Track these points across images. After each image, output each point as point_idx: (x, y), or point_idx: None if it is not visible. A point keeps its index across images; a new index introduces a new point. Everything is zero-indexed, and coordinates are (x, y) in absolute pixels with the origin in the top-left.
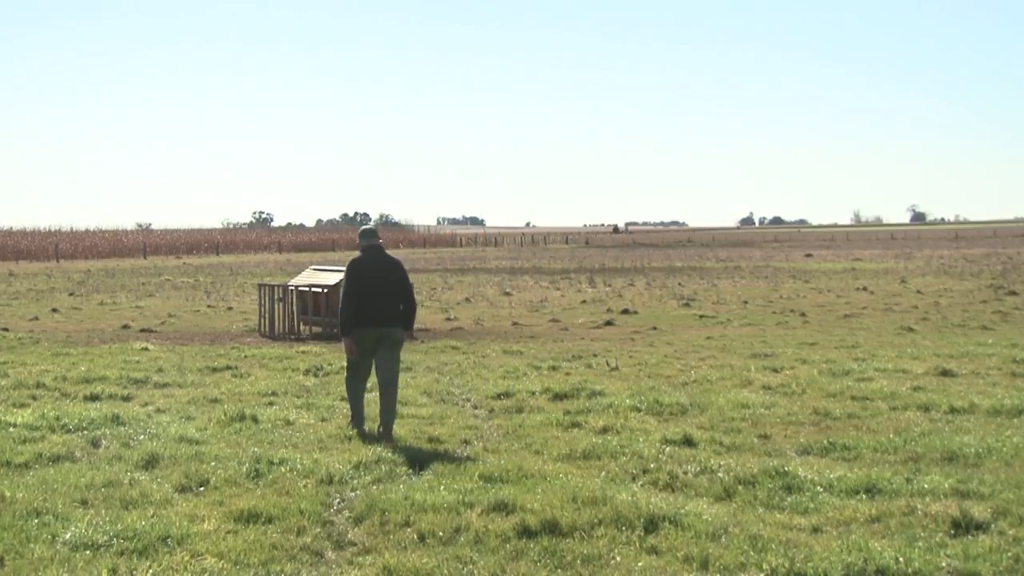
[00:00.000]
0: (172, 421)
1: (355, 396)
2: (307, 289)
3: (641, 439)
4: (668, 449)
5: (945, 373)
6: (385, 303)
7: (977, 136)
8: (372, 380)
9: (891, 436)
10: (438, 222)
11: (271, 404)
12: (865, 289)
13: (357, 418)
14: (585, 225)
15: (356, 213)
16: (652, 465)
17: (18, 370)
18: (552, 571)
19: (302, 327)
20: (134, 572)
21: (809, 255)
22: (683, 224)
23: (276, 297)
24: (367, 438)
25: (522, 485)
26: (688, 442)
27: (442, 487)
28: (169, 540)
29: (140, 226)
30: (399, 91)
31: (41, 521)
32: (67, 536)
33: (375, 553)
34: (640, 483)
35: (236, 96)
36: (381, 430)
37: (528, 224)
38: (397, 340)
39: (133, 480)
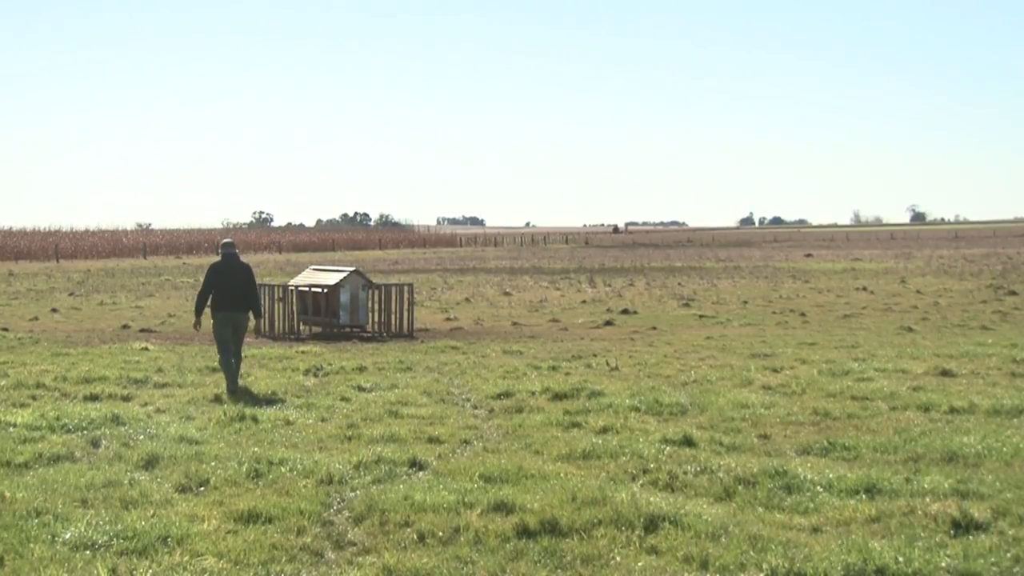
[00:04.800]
0: (172, 421)
1: (226, 365)
2: (307, 289)
3: (641, 439)
4: (668, 449)
5: (945, 373)
6: (235, 295)
7: (977, 136)
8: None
9: (891, 436)
10: (438, 222)
11: (271, 404)
12: (865, 289)
13: (230, 382)
14: (585, 225)
15: (356, 213)
16: (652, 465)
17: (18, 370)
18: (552, 571)
19: (302, 327)
20: (134, 572)
21: (809, 255)
22: (683, 224)
23: (276, 297)
24: (241, 397)
25: (522, 485)
26: (688, 442)
27: (442, 487)
28: (169, 540)
29: (140, 226)
30: (399, 91)
31: (41, 521)
32: (67, 536)
33: (375, 553)
34: (640, 483)
35: (236, 96)
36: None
37: (528, 224)
38: (244, 323)
39: (133, 480)
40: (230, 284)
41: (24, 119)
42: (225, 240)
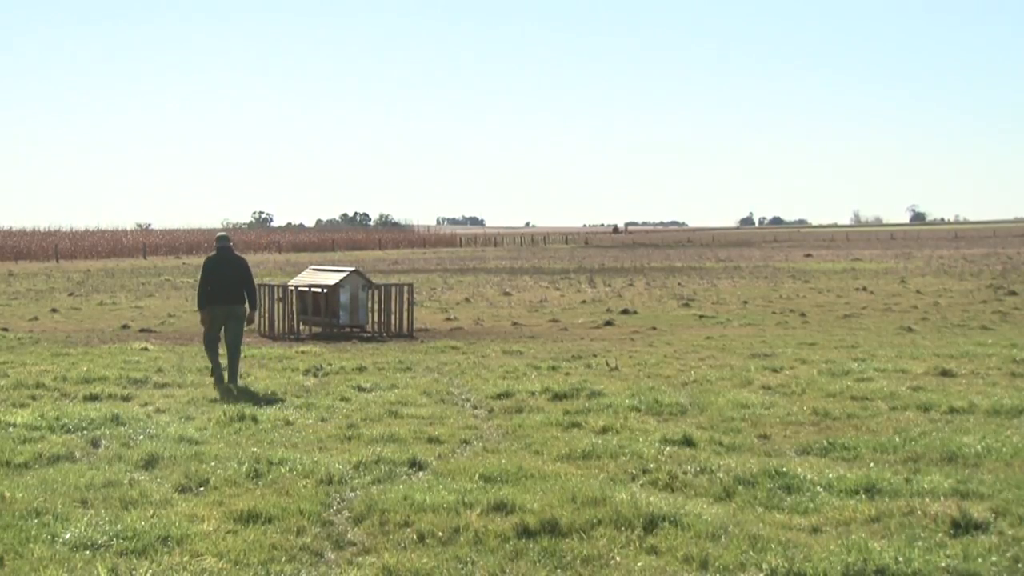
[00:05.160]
0: (172, 421)
1: (212, 355)
2: (307, 289)
3: (641, 439)
4: (668, 449)
5: (945, 373)
6: (230, 288)
7: (977, 136)
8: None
9: (891, 436)
10: (438, 222)
11: (271, 404)
12: (865, 289)
13: (216, 371)
14: (585, 225)
15: (356, 213)
16: (652, 465)
17: (18, 370)
18: (552, 571)
19: (302, 327)
20: (134, 572)
21: (809, 255)
22: (683, 224)
23: (276, 297)
24: (225, 390)
25: (522, 485)
26: (688, 442)
27: (442, 487)
28: (169, 540)
29: (140, 226)
30: (399, 91)
31: (41, 521)
32: (67, 536)
33: (375, 553)
34: (640, 483)
35: (236, 96)
36: (228, 375)
37: (528, 224)
38: (240, 315)
39: (133, 480)
40: (225, 277)
41: (24, 119)
42: (220, 233)
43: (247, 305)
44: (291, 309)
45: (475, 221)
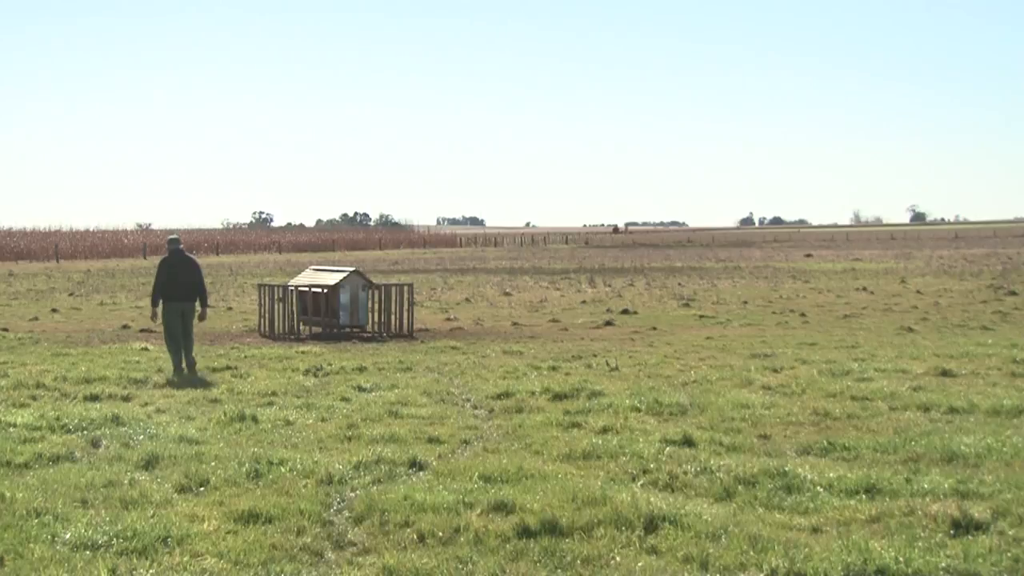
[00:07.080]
0: (172, 421)
1: (173, 350)
2: (307, 289)
3: (641, 439)
4: (668, 449)
5: (945, 373)
6: (182, 287)
7: (977, 136)
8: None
9: (891, 436)
10: (438, 222)
11: (271, 404)
12: (865, 289)
13: (176, 365)
14: (585, 225)
15: (356, 213)
16: (652, 465)
17: (18, 370)
18: (552, 571)
19: (302, 327)
20: (134, 572)
21: (809, 255)
22: (683, 224)
23: (276, 297)
24: (184, 380)
25: (522, 485)
26: (688, 442)
27: (442, 487)
28: (169, 540)
29: (140, 226)
30: (398, 91)
31: (41, 521)
32: (67, 536)
33: (375, 553)
34: (640, 483)
35: (236, 96)
36: (187, 365)
37: (528, 224)
38: (191, 311)
39: (133, 480)
40: (179, 277)
41: (24, 119)
42: (171, 236)
43: (198, 303)
44: (291, 309)
45: (475, 221)
